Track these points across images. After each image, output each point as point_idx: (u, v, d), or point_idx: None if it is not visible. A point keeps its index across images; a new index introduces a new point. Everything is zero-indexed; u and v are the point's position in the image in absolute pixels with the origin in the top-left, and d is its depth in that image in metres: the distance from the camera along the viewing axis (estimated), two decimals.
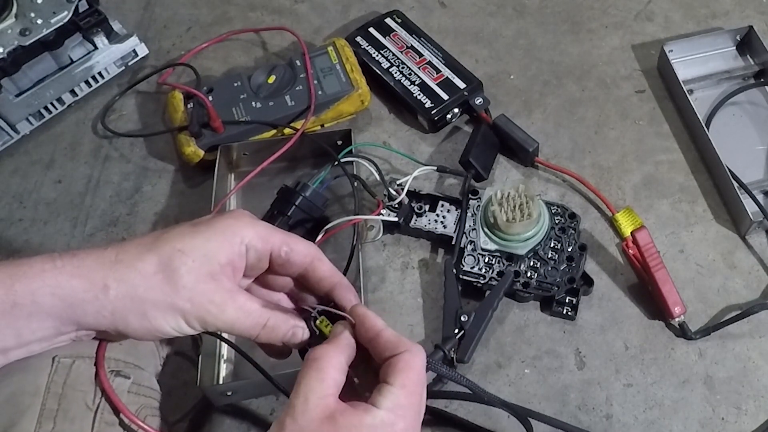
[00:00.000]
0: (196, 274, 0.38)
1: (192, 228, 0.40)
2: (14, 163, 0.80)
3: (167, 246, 0.38)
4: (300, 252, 0.43)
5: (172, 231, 0.40)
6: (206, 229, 0.40)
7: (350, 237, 0.67)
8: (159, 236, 0.39)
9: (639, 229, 0.65)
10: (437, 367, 0.47)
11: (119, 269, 0.38)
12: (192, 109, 0.77)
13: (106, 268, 0.38)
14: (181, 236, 0.39)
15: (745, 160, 0.74)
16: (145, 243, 0.39)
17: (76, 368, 0.43)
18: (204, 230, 0.40)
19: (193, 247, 0.39)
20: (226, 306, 0.39)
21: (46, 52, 0.80)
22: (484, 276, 0.66)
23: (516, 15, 0.91)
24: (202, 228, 0.40)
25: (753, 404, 0.62)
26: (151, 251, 0.38)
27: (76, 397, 0.42)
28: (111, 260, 0.38)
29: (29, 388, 0.41)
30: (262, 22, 0.91)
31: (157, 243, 0.39)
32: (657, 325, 0.66)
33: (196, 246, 0.39)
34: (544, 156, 0.77)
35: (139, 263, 0.38)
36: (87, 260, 0.38)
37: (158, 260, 0.38)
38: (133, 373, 0.47)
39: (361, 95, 0.78)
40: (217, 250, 0.39)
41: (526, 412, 0.60)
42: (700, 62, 0.83)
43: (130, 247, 0.39)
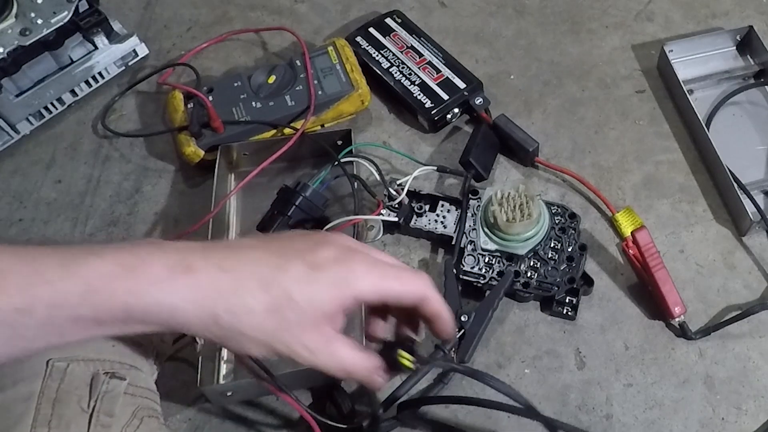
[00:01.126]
0: (302, 323, 0.39)
1: (307, 271, 0.39)
2: (14, 163, 0.80)
3: (280, 290, 0.38)
4: (409, 297, 0.43)
5: (288, 268, 0.39)
6: (321, 278, 0.39)
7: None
8: (275, 274, 0.38)
9: (639, 229, 0.65)
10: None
11: (231, 300, 0.37)
12: (192, 109, 0.77)
13: (220, 296, 0.37)
14: (296, 281, 0.39)
15: (745, 160, 0.74)
16: (261, 276, 0.38)
17: (71, 371, 0.43)
18: (319, 278, 0.39)
19: (304, 297, 0.39)
20: (319, 353, 0.40)
21: (46, 52, 0.80)
22: (484, 276, 0.66)
23: (516, 15, 0.91)
24: (317, 275, 0.39)
25: (753, 404, 0.62)
26: (265, 291, 0.38)
27: (71, 401, 0.42)
28: (226, 289, 0.38)
29: (23, 394, 0.41)
30: (262, 22, 0.92)
31: (271, 282, 0.38)
32: (657, 325, 0.66)
33: (308, 296, 0.39)
34: (544, 156, 0.77)
35: (252, 300, 0.38)
36: (202, 279, 0.37)
37: (269, 302, 0.38)
38: (129, 374, 0.47)
39: (361, 95, 0.78)
40: (327, 302, 0.39)
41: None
42: (700, 62, 0.83)
43: (245, 276, 0.38)
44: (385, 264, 0.42)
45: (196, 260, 0.37)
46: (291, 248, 0.40)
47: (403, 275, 0.42)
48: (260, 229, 0.68)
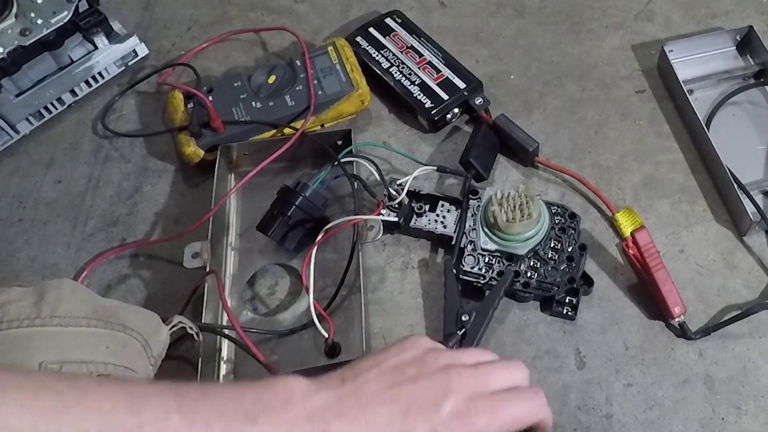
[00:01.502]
0: None
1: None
2: (14, 163, 0.80)
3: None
4: (527, 424, 0.46)
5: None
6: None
7: (350, 237, 0.67)
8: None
9: (639, 229, 0.65)
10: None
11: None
12: (192, 109, 0.77)
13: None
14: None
15: (745, 160, 0.74)
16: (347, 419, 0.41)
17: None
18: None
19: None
20: None
21: (46, 52, 0.80)
22: (484, 276, 0.66)
23: (516, 15, 0.91)
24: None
25: (753, 404, 0.62)
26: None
27: None
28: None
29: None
30: (262, 22, 0.92)
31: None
32: (657, 325, 0.66)
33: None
34: (544, 156, 0.77)
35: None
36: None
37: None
38: (124, 374, 0.48)
39: (361, 95, 0.78)
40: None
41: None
42: (700, 62, 0.83)
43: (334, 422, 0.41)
44: (503, 403, 0.45)
45: (335, 428, 0.41)
46: (415, 405, 0.42)
47: (522, 408, 0.45)
48: (260, 229, 0.68)
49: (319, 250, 0.67)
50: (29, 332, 0.46)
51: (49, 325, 0.47)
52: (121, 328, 0.50)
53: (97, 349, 0.48)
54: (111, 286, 0.70)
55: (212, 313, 0.65)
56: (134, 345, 0.51)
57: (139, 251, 0.73)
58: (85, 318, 0.48)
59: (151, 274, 0.71)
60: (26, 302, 0.47)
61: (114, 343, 0.49)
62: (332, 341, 0.64)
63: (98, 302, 0.51)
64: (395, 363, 0.45)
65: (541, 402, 0.47)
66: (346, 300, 0.67)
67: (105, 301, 0.52)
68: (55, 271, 0.72)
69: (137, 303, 0.69)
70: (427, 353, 0.46)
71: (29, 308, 0.47)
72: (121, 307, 0.52)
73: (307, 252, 0.66)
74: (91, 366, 0.47)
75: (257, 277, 0.71)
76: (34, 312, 0.47)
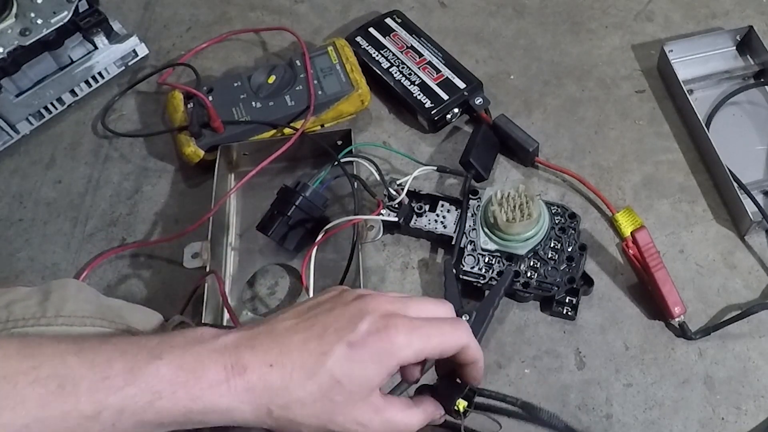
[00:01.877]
0: (351, 401, 0.41)
1: (348, 352, 0.41)
2: (14, 163, 0.80)
3: (326, 376, 0.40)
4: (450, 351, 0.44)
5: (331, 353, 0.40)
6: (363, 355, 0.41)
7: (350, 237, 0.67)
8: (319, 361, 0.40)
9: (639, 229, 0.65)
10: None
11: (282, 395, 0.40)
12: (192, 109, 0.77)
13: (272, 393, 0.40)
14: (339, 364, 0.40)
15: (745, 160, 0.74)
16: (306, 366, 0.40)
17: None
18: (361, 356, 0.41)
19: (351, 378, 0.40)
20: (373, 425, 0.42)
21: (46, 52, 0.80)
22: (484, 276, 0.66)
23: (516, 15, 0.91)
24: (359, 354, 0.41)
25: (753, 404, 0.62)
26: (311, 379, 0.40)
27: None
28: (277, 386, 0.40)
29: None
30: (262, 22, 0.92)
31: (316, 370, 0.40)
32: (657, 325, 0.66)
33: (353, 375, 0.41)
34: (544, 156, 0.77)
35: (301, 392, 0.40)
36: (254, 380, 0.39)
37: (318, 390, 0.40)
38: None
39: (361, 95, 0.78)
40: (372, 377, 0.41)
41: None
42: (700, 62, 0.83)
43: (292, 368, 0.40)
44: (423, 323, 0.43)
45: (247, 359, 0.40)
46: (330, 328, 0.41)
47: (443, 331, 0.44)
48: (260, 229, 0.68)
49: (319, 250, 0.67)
50: (34, 332, 0.46)
51: (54, 325, 0.46)
52: (126, 327, 0.50)
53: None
54: (111, 286, 0.70)
55: (212, 313, 0.65)
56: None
57: (139, 251, 0.73)
58: (89, 318, 0.48)
59: (151, 274, 0.71)
60: (31, 302, 0.47)
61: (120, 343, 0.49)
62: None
63: (102, 302, 0.51)
64: (311, 303, 0.45)
65: (462, 328, 0.45)
66: None
67: (109, 301, 0.52)
68: (55, 271, 0.72)
69: (137, 303, 0.69)
70: (344, 290, 0.45)
71: (34, 308, 0.47)
72: (124, 307, 0.52)
73: (307, 252, 0.66)
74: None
75: (257, 277, 0.71)
76: (39, 311, 0.47)
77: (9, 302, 0.47)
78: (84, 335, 0.42)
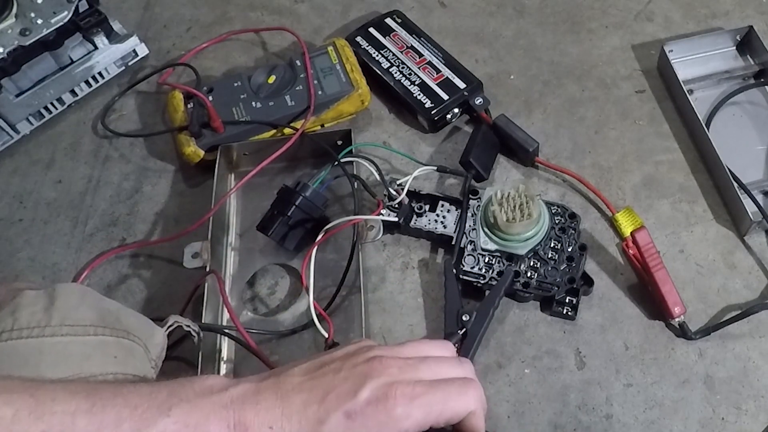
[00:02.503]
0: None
1: (346, 423, 0.41)
2: (14, 163, 0.80)
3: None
4: (456, 419, 0.44)
5: (328, 421, 0.41)
6: (359, 427, 0.41)
7: (350, 237, 0.67)
8: (314, 427, 0.41)
9: (639, 229, 0.65)
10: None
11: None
12: (192, 109, 0.77)
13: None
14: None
15: (745, 160, 0.74)
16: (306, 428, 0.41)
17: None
18: (357, 428, 0.41)
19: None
20: None
21: (46, 52, 0.80)
22: (484, 276, 0.66)
23: (516, 15, 0.91)
24: (356, 424, 0.41)
25: (753, 404, 0.62)
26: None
27: None
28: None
29: None
30: (262, 22, 0.92)
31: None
32: (657, 325, 0.66)
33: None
34: (544, 156, 0.77)
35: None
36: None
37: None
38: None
39: (361, 95, 0.78)
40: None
41: None
42: (700, 62, 0.83)
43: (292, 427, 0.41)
44: (428, 389, 0.43)
45: (250, 418, 0.40)
46: (333, 392, 0.42)
47: (449, 397, 0.44)
48: (260, 229, 0.68)
49: (319, 250, 0.67)
50: (38, 344, 0.46)
51: (58, 334, 0.46)
52: (125, 334, 0.50)
53: (105, 360, 0.48)
54: (111, 286, 0.70)
55: (212, 313, 0.65)
56: (138, 351, 0.51)
57: (139, 251, 0.73)
58: (92, 326, 0.48)
59: (151, 274, 0.71)
60: (37, 308, 0.47)
61: (121, 352, 0.49)
62: (332, 341, 0.63)
63: (103, 306, 0.51)
64: (324, 359, 0.45)
65: (472, 393, 0.45)
66: (346, 300, 0.67)
67: (108, 303, 0.52)
68: (55, 271, 0.72)
69: (137, 303, 0.69)
70: (360, 348, 0.45)
71: (40, 314, 0.47)
72: (121, 310, 0.52)
73: (307, 252, 0.66)
74: (101, 378, 0.46)
75: (257, 277, 0.71)
76: (45, 319, 0.46)
77: (15, 308, 0.47)
78: (94, 379, 0.43)
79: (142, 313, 0.54)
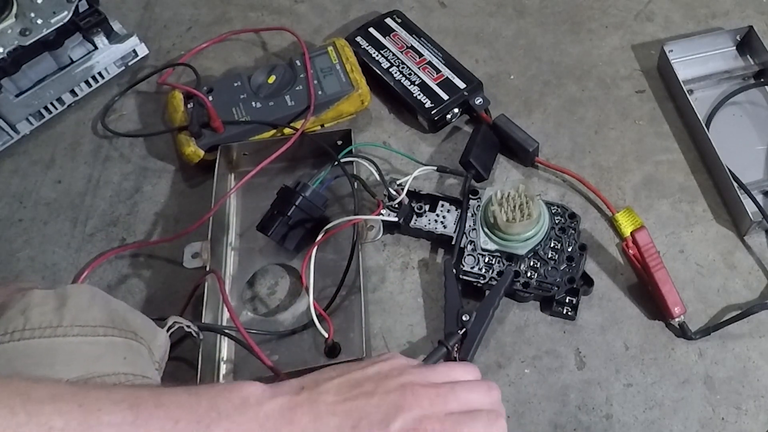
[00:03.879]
0: None
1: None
2: (14, 163, 0.80)
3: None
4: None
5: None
6: None
7: (350, 237, 0.67)
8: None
9: (639, 229, 0.65)
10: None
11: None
12: (192, 109, 0.77)
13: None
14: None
15: (745, 160, 0.74)
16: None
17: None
18: None
19: None
20: None
21: (46, 52, 0.80)
22: (484, 276, 0.66)
23: (516, 15, 0.91)
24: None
25: (753, 404, 0.62)
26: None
27: None
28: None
29: None
30: (262, 22, 0.92)
31: None
32: (657, 325, 0.66)
33: None
34: (544, 156, 0.77)
35: None
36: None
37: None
38: (142, 383, 0.48)
39: (361, 95, 0.78)
40: None
41: None
42: (700, 62, 0.83)
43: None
44: (456, 424, 0.45)
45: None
46: (365, 420, 0.43)
47: (477, 428, 0.45)
48: (260, 229, 0.68)
49: (319, 250, 0.67)
50: (50, 344, 0.46)
51: (70, 335, 0.46)
52: (133, 335, 0.51)
53: (116, 361, 0.48)
54: (111, 286, 0.70)
55: (212, 313, 0.65)
56: (144, 352, 0.51)
57: (139, 251, 0.73)
58: (102, 327, 0.48)
59: (151, 274, 0.71)
60: (48, 307, 0.47)
61: (130, 353, 0.49)
62: (332, 341, 0.64)
63: (112, 307, 0.51)
64: (357, 377, 0.46)
65: (498, 424, 0.46)
66: (346, 300, 0.67)
67: (115, 304, 0.52)
68: (55, 271, 0.72)
69: (137, 303, 0.69)
70: (393, 369, 0.47)
71: (51, 314, 0.47)
72: (128, 312, 0.52)
73: (307, 252, 0.66)
74: (113, 378, 0.47)
75: (257, 277, 0.71)
76: (56, 319, 0.47)
77: (26, 307, 0.47)
78: (135, 396, 0.43)
79: (143, 313, 0.54)
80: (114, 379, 0.47)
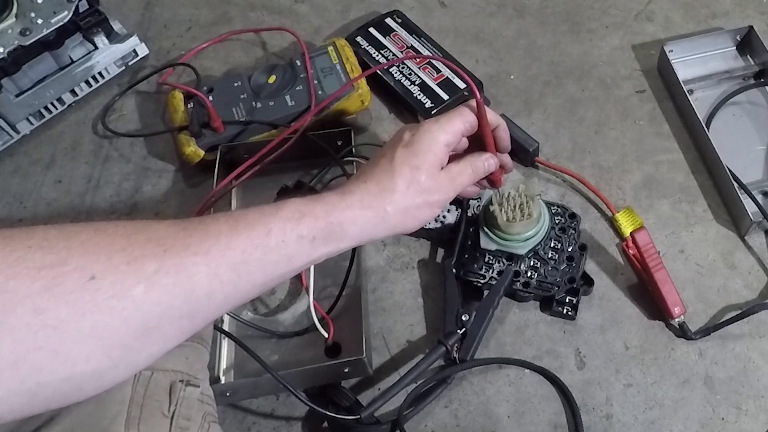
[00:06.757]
0: (429, 176, 0.51)
1: (407, 151, 0.51)
2: (14, 163, 0.80)
3: (405, 168, 0.51)
4: (473, 122, 0.55)
5: (396, 157, 0.51)
6: (419, 146, 0.52)
7: None
8: (389, 164, 0.51)
9: (639, 229, 0.65)
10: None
11: (387, 196, 0.50)
12: (192, 109, 0.77)
13: (378, 198, 0.50)
14: (407, 158, 0.51)
15: (745, 160, 0.74)
16: (385, 170, 0.51)
17: (154, 379, 0.46)
18: (418, 148, 0.51)
19: (421, 162, 0.51)
20: (448, 188, 0.53)
21: (46, 52, 0.80)
22: (483, 276, 0.66)
23: (516, 15, 0.91)
24: (415, 147, 0.51)
25: (753, 404, 0.62)
26: (398, 177, 0.50)
27: (154, 406, 0.46)
28: (379, 190, 0.50)
29: (117, 397, 0.44)
30: (262, 22, 0.92)
31: (394, 169, 0.51)
32: (657, 325, 0.66)
33: (423, 159, 0.51)
34: (544, 156, 0.77)
35: (396, 187, 0.50)
36: (363, 195, 0.49)
37: (405, 180, 0.51)
38: (192, 385, 0.49)
39: (361, 95, 0.78)
40: (434, 160, 0.52)
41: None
42: (700, 62, 0.83)
43: (379, 179, 0.51)
44: (441, 117, 0.54)
45: (350, 189, 0.50)
46: (392, 161, 0.51)
47: (455, 115, 0.54)
48: None
49: None
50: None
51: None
52: (200, 340, 0.51)
53: (179, 359, 0.49)
54: None
55: None
56: (205, 356, 0.52)
57: None
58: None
59: None
60: None
61: (193, 354, 0.50)
62: (332, 341, 0.64)
63: None
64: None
65: (468, 110, 0.54)
66: (346, 300, 0.67)
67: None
68: None
69: None
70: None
71: None
72: None
73: None
74: (173, 374, 0.48)
75: None
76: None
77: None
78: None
79: None
80: (171, 376, 0.47)
